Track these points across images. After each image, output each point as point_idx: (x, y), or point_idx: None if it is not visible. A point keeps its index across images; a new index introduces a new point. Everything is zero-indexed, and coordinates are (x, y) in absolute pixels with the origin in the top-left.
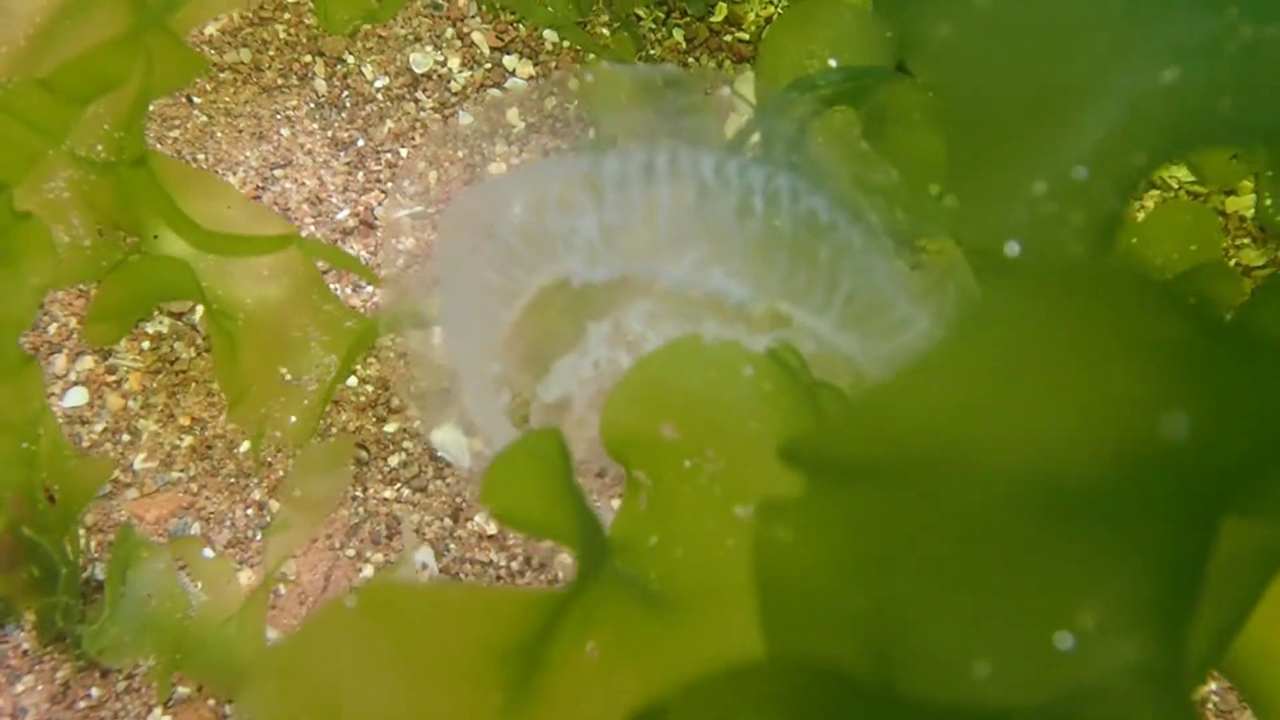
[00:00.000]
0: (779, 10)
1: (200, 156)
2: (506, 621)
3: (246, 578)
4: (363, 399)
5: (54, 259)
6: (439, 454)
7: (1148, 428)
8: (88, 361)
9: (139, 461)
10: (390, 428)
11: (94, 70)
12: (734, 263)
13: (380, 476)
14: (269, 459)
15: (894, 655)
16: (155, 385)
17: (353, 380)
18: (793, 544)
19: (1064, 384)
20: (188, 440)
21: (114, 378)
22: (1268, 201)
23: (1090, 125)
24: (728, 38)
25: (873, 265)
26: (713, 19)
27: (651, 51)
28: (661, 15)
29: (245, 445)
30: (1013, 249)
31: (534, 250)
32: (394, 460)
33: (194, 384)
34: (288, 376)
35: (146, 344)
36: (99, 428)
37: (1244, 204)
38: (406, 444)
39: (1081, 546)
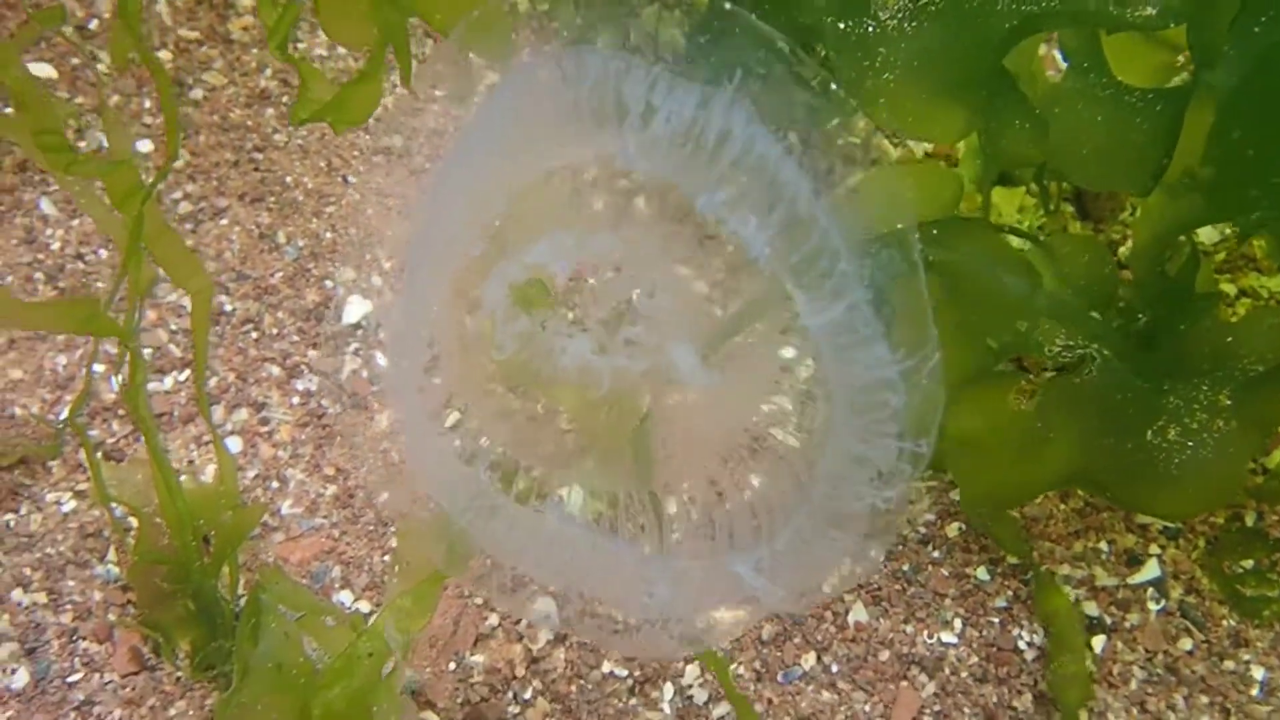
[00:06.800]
0: None
1: (352, 230)
2: None
3: None
4: None
5: None
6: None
7: None
8: (243, 414)
9: (286, 507)
10: None
11: None
12: None
13: None
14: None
15: None
16: (304, 437)
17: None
18: None
19: None
20: (331, 489)
21: (266, 429)
22: None
23: None
24: None
25: None
26: None
27: None
28: None
29: (385, 495)
30: None
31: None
32: None
33: (339, 438)
34: None
35: (296, 399)
36: (251, 474)
37: None
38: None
39: None
